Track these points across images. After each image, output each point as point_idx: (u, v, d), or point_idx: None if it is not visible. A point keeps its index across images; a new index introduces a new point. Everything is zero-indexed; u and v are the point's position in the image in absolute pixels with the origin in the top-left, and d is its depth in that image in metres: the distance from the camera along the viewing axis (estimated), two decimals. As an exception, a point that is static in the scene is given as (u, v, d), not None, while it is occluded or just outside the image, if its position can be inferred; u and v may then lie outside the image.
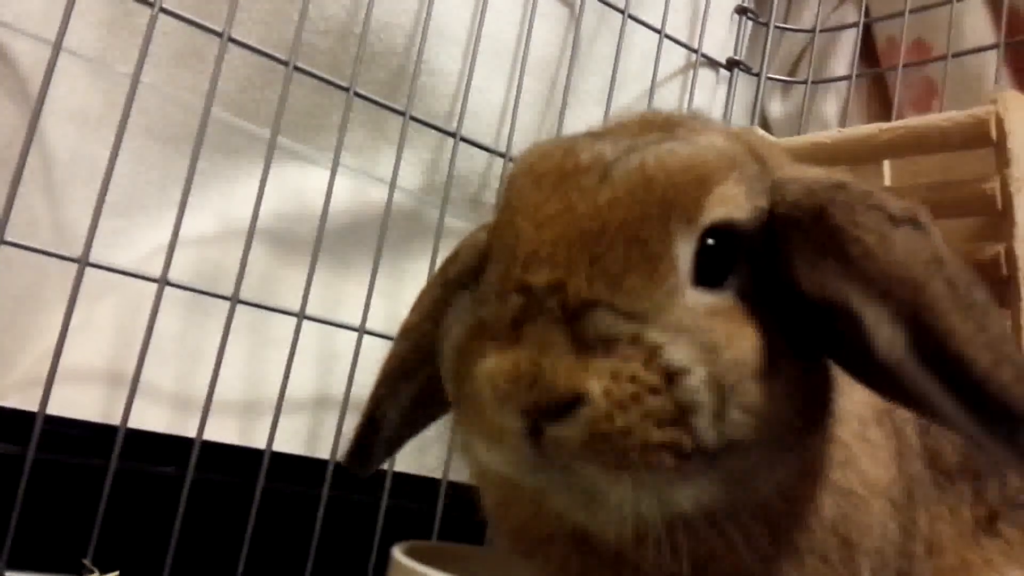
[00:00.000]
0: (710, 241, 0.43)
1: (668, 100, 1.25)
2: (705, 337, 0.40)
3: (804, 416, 0.44)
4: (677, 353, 0.39)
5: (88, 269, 0.78)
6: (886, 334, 0.40)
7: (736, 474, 0.42)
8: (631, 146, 0.44)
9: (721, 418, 0.40)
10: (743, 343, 0.41)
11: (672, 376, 0.39)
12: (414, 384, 0.58)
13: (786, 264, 0.44)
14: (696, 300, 0.42)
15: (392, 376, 0.58)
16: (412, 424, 0.60)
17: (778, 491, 0.46)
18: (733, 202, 0.43)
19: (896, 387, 0.41)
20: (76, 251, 0.78)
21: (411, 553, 0.50)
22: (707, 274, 0.42)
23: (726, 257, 0.43)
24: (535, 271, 0.41)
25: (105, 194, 0.78)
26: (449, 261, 0.58)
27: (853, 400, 0.50)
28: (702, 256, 0.42)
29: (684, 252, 0.42)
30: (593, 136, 0.48)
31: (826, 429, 0.47)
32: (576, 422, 0.38)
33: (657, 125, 0.49)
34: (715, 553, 0.45)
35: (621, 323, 0.39)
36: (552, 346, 0.39)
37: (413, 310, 0.59)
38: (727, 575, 0.46)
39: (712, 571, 0.46)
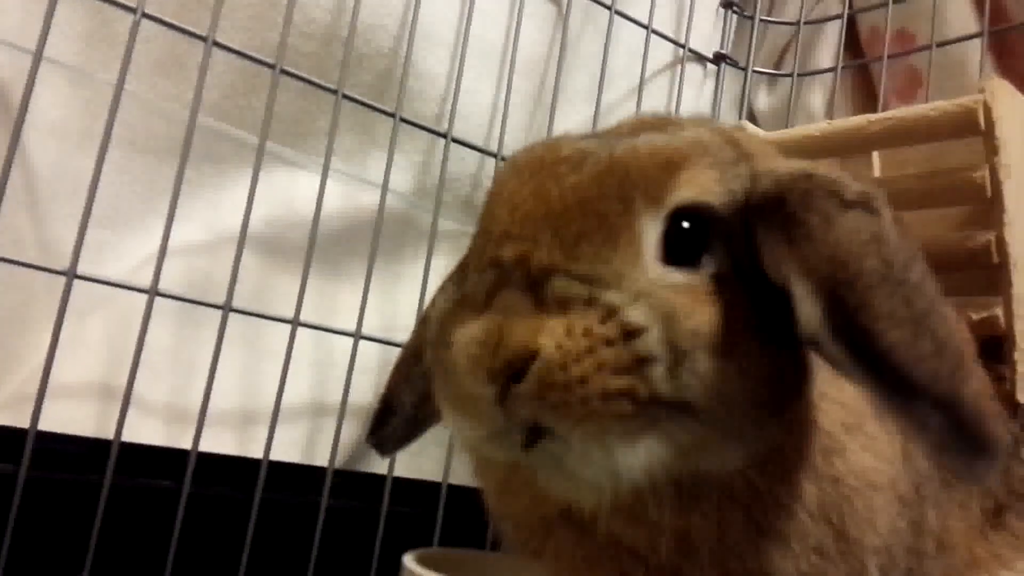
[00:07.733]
0: (685, 224, 0.44)
1: (656, 96, 1.25)
2: (664, 305, 0.42)
3: (766, 397, 0.44)
4: (634, 314, 0.41)
5: (76, 283, 0.76)
6: (806, 308, 0.41)
7: (693, 439, 0.42)
8: (614, 142, 0.46)
9: (676, 375, 0.41)
10: (701, 316, 0.42)
11: (628, 333, 0.40)
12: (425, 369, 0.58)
13: (757, 251, 0.45)
14: (660, 273, 0.43)
15: (406, 360, 0.60)
16: (426, 408, 0.59)
17: (744, 471, 0.46)
18: (702, 186, 0.45)
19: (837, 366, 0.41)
20: (62, 267, 0.76)
21: (421, 561, 0.50)
22: (678, 255, 0.44)
23: (698, 239, 0.44)
24: (506, 247, 0.44)
25: (91, 207, 0.77)
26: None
27: (845, 391, 0.49)
28: (672, 236, 0.44)
29: (650, 230, 0.44)
30: (584, 135, 0.49)
31: (799, 415, 0.47)
32: (529, 376, 0.39)
33: (651, 124, 0.50)
34: (693, 530, 0.46)
35: (577, 286, 0.41)
36: (515, 310, 0.41)
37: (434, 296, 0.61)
38: (714, 557, 0.46)
39: (698, 552, 0.46)
